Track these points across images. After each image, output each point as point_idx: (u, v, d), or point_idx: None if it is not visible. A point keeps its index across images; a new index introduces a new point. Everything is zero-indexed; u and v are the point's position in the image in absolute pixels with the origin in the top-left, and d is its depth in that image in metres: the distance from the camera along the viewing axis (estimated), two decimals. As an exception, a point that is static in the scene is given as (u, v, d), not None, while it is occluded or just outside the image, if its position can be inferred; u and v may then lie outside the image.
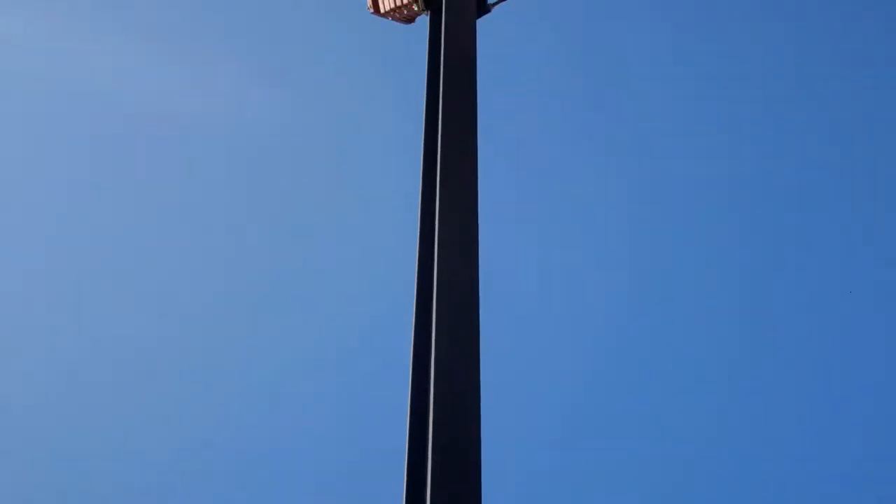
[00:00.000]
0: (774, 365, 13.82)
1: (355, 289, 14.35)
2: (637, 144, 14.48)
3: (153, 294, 14.96)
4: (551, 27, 13.74)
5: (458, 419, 3.94)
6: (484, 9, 5.70)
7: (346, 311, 14.48)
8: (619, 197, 14.46)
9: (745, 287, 14.22)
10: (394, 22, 6.66)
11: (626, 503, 13.29)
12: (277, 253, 14.85)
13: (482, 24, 5.69)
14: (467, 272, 4.37)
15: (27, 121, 15.25)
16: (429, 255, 4.32)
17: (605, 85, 14.53)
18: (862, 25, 13.99)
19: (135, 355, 14.61)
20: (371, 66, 14.37)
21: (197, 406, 14.65)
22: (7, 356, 14.52)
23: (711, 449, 13.73)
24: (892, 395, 13.44)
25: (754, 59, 14.46)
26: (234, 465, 14.33)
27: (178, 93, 15.15)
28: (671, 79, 14.51)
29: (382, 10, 6.58)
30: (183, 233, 15.23)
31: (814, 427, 13.68)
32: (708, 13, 14.50)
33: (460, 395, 4.00)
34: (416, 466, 3.97)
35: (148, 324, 14.85)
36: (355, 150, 14.90)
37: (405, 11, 6.19)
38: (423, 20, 6.04)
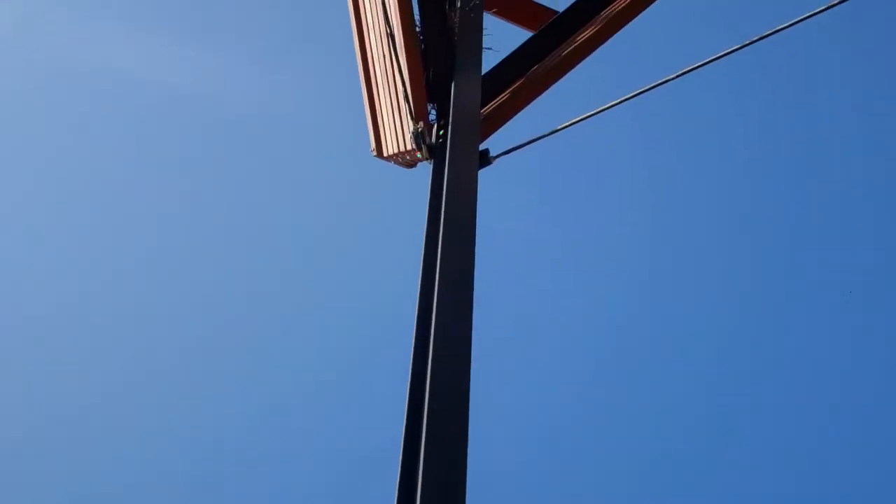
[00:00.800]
0: (774, 366, 13.84)
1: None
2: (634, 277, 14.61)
3: (149, 292, 15.06)
4: (551, 178, 13.99)
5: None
6: (486, 161, 5.83)
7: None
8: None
9: (744, 287, 14.27)
10: (396, 165, 6.82)
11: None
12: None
13: (483, 174, 5.83)
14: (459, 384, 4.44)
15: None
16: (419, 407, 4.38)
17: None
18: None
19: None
20: (371, 205, 14.62)
21: (192, 407, 14.69)
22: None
23: (715, 452, 13.72)
24: (893, 396, 13.43)
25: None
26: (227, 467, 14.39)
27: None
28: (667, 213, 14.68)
29: (385, 154, 6.74)
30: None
31: (814, 429, 13.66)
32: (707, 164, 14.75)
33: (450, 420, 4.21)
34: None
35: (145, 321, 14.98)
36: (354, 279, 15.09)
37: (408, 157, 6.33)
38: (424, 165, 6.18)
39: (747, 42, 5.78)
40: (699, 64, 6.08)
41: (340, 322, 15.14)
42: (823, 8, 5.58)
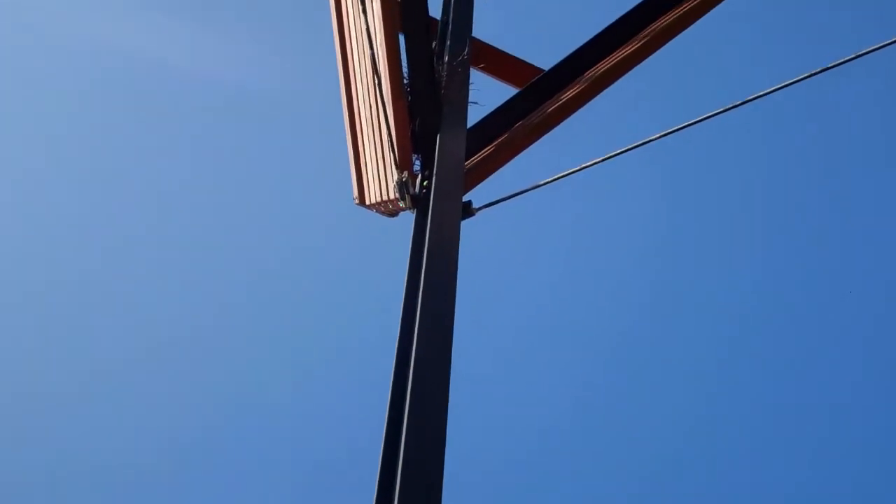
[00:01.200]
0: (774, 367, 13.82)
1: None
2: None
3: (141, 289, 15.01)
4: (535, 229, 14.07)
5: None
6: (469, 212, 5.89)
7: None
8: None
9: (744, 287, 14.26)
10: (377, 214, 6.86)
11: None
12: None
13: (466, 225, 5.87)
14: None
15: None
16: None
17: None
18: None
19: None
20: (354, 253, 14.67)
21: (177, 404, 14.62)
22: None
23: (719, 456, 13.70)
24: (892, 396, 13.42)
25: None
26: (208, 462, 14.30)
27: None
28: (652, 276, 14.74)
29: (368, 203, 6.78)
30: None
31: (814, 431, 13.64)
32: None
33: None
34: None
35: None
36: (334, 328, 15.11)
37: (391, 206, 6.37)
38: (406, 214, 6.23)
39: (737, 103, 5.87)
40: (683, 125, 6.16)
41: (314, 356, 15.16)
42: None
